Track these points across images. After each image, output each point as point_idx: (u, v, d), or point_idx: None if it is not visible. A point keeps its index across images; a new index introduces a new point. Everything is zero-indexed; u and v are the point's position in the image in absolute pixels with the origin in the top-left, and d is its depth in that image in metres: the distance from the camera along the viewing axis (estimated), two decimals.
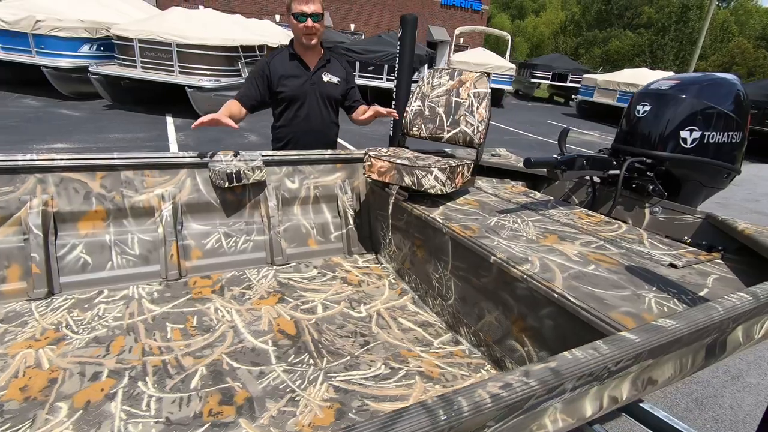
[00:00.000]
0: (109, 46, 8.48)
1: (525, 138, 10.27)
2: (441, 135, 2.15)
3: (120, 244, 1.80)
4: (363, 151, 2.11)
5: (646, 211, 1.97)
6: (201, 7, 17.96)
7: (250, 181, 1.98)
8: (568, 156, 1.80)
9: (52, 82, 8.25)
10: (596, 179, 2.19)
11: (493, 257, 1.40)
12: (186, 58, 7.98)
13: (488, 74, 14.50)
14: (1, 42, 8.25)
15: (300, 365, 1.39)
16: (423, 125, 2.19)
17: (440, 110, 2.16)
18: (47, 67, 8.04)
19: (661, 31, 26.39)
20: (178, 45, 7.83)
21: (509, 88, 15.01)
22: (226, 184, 1.91)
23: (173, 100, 8.65)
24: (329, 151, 2.23)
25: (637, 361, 0.85)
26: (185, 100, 7.84)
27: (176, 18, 8.48)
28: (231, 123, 1.91)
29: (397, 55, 2.57)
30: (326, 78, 2.26)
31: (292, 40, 2.24)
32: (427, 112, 2.19)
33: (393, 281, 2.01)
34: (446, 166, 1.82)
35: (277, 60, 2.21)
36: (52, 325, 1.47)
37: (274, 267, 2.01)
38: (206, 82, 7.86)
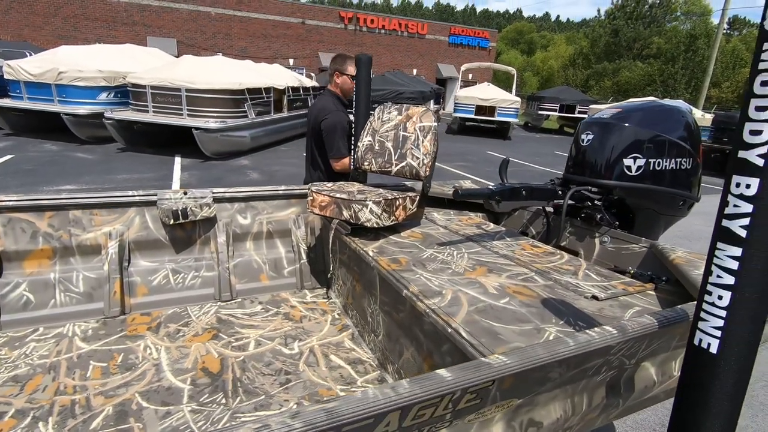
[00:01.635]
0: (126, 93, 9.01)
1: (529, 169, 10.23)
2: (390, 169, 2.16)
3: (65, 281, 1.84)
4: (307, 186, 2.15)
5: (597, 241, 1.92)
6: (220, 54, 18.99)
7: (198, 217, 2.02)
8: (504, 186, 1.78)
9: (71, 128, 8.75)
10: (549, 209, 2.15)
11: (405, 291, 1.37)
12: (194, 102, 8.39)
13: (493, 108, 14.69)
14: (28, 93, 8.89)
15: (210, 405, 1.36)
16: (373, 159, 2.22)
17: (389, 144, 2.19)
18: (66, 114, 8.56)
19: (670, 61, 26.44)
20: (187, 90, 8.26)
21: (515, 120, 15.10)
22: (171, 221, 1.95)
23: (184, 142, 9.02)
24: (283, 187, 2.27)
25: (486, 402, 0.80)
26: (194, 141, 8.18)
27: (187, 65, 8.99)
28: None
29: (399, 92, 2.65)
30: None
31: (334, 93, 2.63)
32: (377, 147, 2.22)
33: (337, 317, 1.97)
34: (381, 199, 1.82)
35: (345, 113, 2.62)
36: None
37: (218, 303, 2.01)
38: (212, 124, 8.20)
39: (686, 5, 29.54)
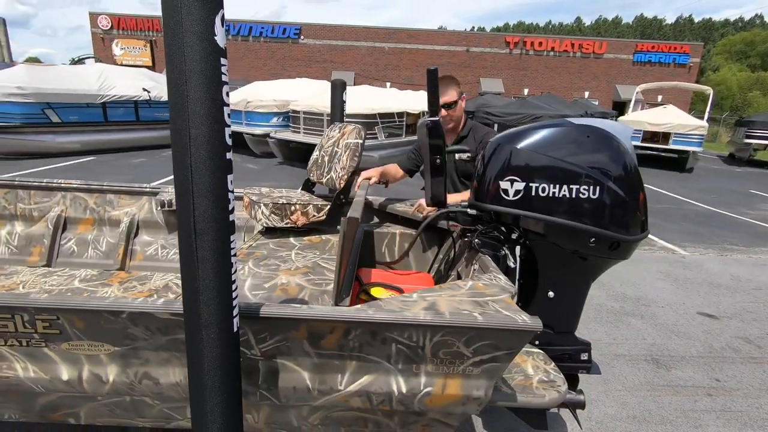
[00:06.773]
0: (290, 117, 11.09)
1: (685, 208, 8.32)
2: (322, 180, 2.40)
3: (94, 242, 2.67)
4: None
5: (472, 269, 1.78)
6: (388, 84, 21.02)
7: None
8: None
9: (249, 145, 11.22)
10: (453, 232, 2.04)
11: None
12: None
13: (668, 134, 12.42)
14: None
15: None
16: (316, 171, 2.48)
17: (326, 158, 2.42)
18: (247, 134, 11.03)
19: None
20: (327, 114, 9.67)
21: (697, 149, 12.36)
22: (157, 208, 2.62)
23: None
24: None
25: (68, 334, 1.05)
26: None
27: None
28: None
29: (535, 116, 2.84)
30: (457, 156, 2.41)
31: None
32: (320, 160, 2.48)
33: None
34: (270, 202, 2.09)
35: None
36: None
37: (176, 275, 2.56)
38: None
39: None
